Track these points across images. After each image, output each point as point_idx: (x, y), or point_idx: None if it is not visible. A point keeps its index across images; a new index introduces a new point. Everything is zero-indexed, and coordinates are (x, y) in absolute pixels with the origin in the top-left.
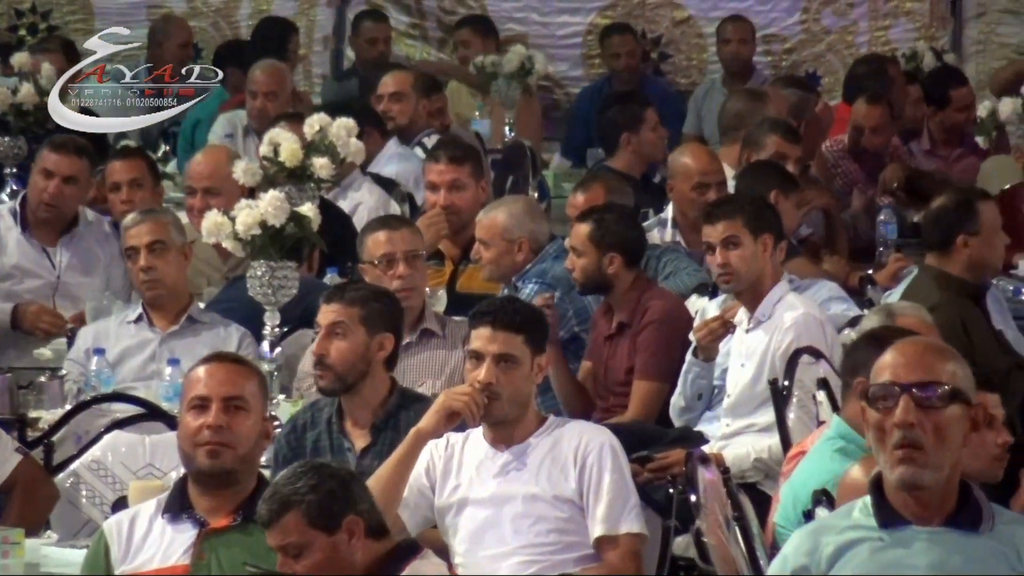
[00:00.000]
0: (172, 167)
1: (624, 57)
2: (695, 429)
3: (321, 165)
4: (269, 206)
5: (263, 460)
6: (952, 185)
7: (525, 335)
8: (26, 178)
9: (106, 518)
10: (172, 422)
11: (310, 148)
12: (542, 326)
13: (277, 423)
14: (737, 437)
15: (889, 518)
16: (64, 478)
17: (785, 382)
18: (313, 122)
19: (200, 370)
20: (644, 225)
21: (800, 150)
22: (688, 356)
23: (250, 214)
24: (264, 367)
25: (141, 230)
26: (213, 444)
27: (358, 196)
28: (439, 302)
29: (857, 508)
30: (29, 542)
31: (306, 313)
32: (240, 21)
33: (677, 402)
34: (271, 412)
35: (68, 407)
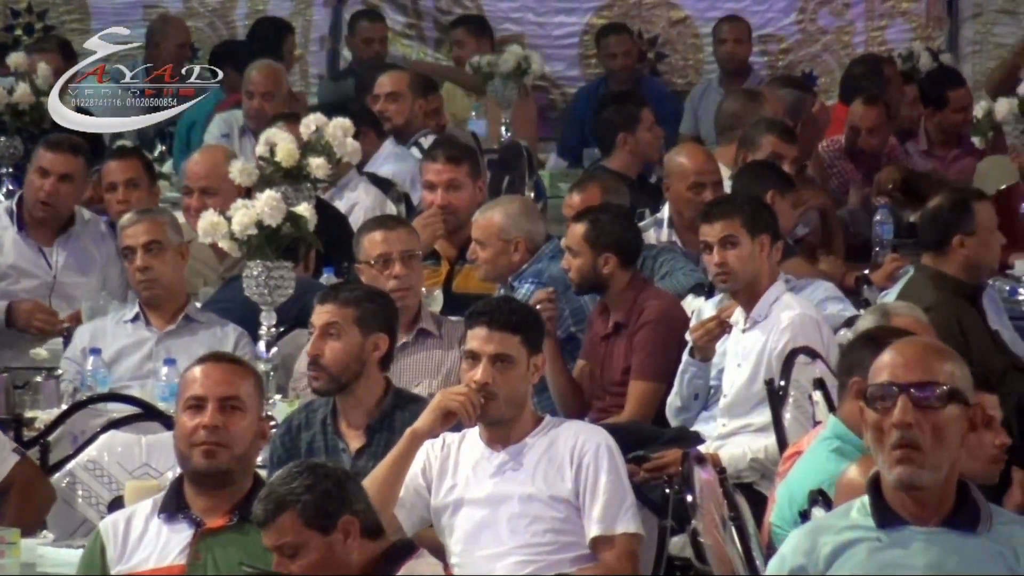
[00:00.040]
0: (168, 167)
1: (620, 57)
2: (691, 429)
3: (317, 165)
4: (265, 206)
5: (259, 460)
6: (948, 185)
7: (521, 335)
8: (22, 178)
9: (102, 518)
10: (168, 422)
11: (306, 148)
12: (538, 326)
13: (273, 423)
14: (733, 437)
15: (887, 518)
16: (60, 478)
17: (781, 382)
18: (309, 122)
19: (196, 370)
20: (640, 225)
21: (796, 150)
22: (684, 356)
23: (246, 214)
24: (260, 367)
25: (138, 230)
26: (209, 444)
27: (354, 196)
28: (435, 302)
29: (855, 508)
30: (25, 542)
31: (302, 313)
32: (236, 21)
33: (673, 402)
34: (267, 412)
35: (64, 407)
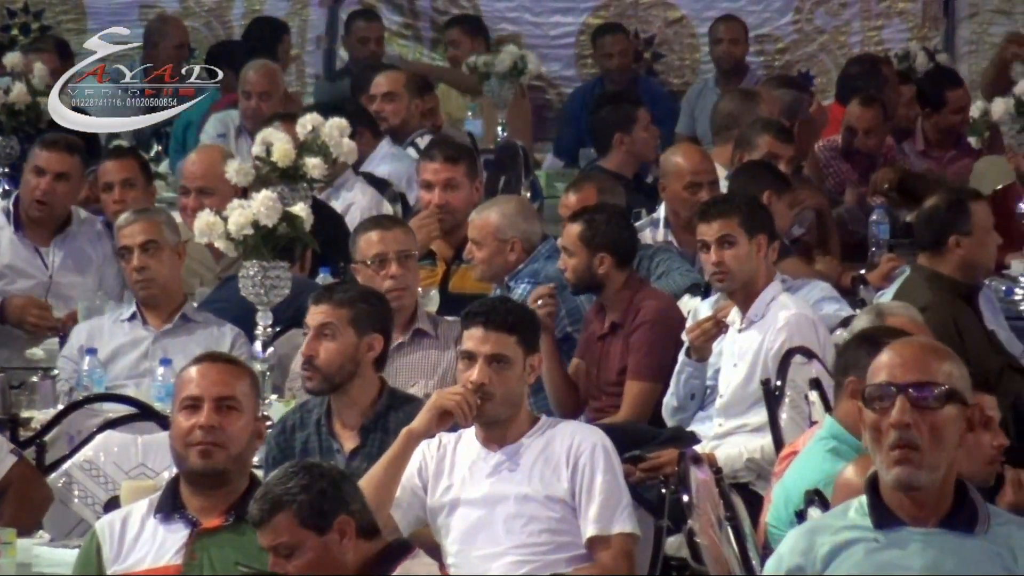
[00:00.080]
0: (164, 167)
1: (617, 57)
2: (688, 429)
3: (313, 165)
4: (261, 206)
5: (255, 460)
6: (944, 185)
7: (518, 335)
8: (19, 178)
9: (98, 518)
10: (164, 422)
11: (303, 148)
12: (534, 326)
13: (269, 423)
14: (729, 437)
15: (884, 519)
16: (56, 478)
17: (777, 382)
18: (306, 122)
19: (192, 370)
20: (636, 225)
21: (792, 150)
22: (681, 356)
23: (242, 214)
24: (256, 367)
25: (134, 230)
26: (205, 444)
27: (350, 196)
28: (432, 302)
29: (853, 508)
30: (21, 542)
31: (298, 313)
32: (233, 21)
33: (670, 402)
34: (263, 412)
35: (60, 407)
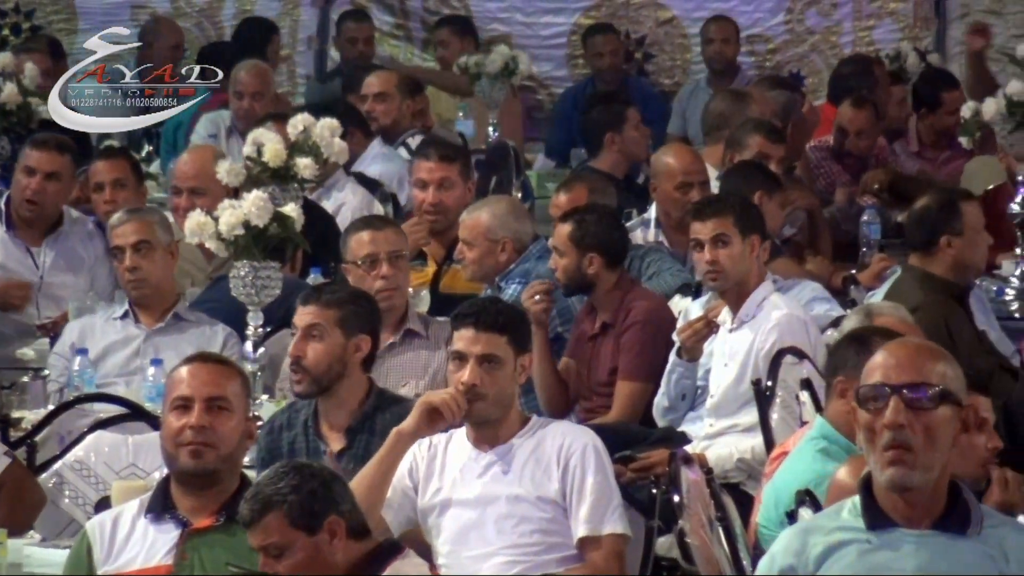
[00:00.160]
0: (155, 167)
1: (607, 57)
2: (678, 429)
3: (304, 165)
4: (252, 206)
5: (246, 460)
6: (935, 186)
7: (508, 335)
8: (10, 178)
9: (89, 518)
10: (155, 422)
11: (294, 148)
12: (525, 326)
13: (260, 423)
14: (720, 437)
15: (877, 520)
16: (47, 478)
17: (768, 382)
18: (297, 122)
19: (183, 370)
20: (628, 225)
21: (783, 150)
22: (672, 356)
23: (233, 214)
24: (247, 367)
25: (127, 230)
26: (196, 444)
27: (341, 196)
28: (422, 302)
29: (846, 509)
30: (11, 542)
31: (289, 313)
32: (224, 21)
33: (661, 402)
34: (254, 412)
35: (51, 407)
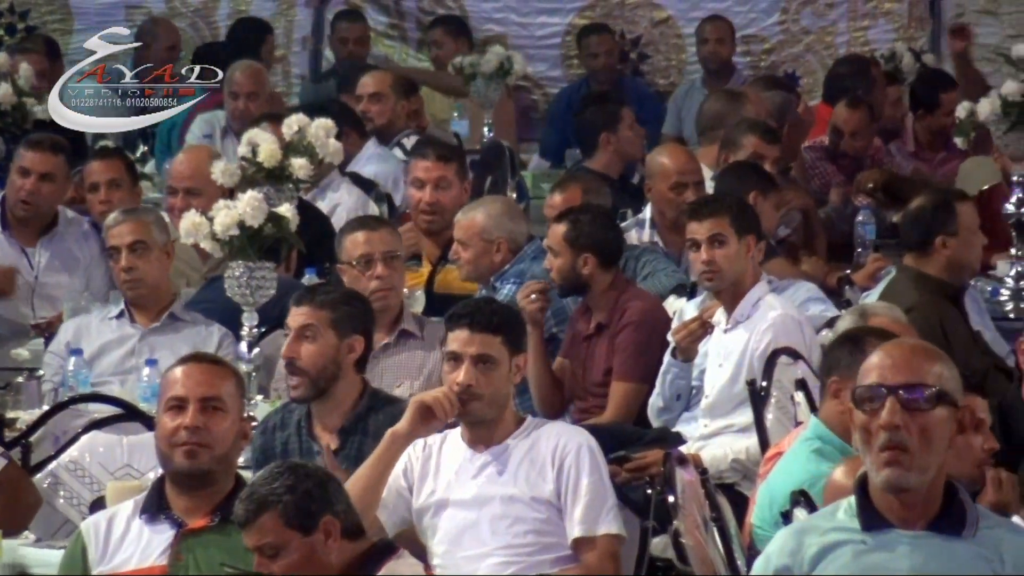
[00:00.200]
0: (150, 167)
1: (602, 57)
2: (673, 430)
3: (299, 166)
4: (247, 206)
5: (241, 461)
6: (930, 187)
7: (503, 336)
8: (5, 178)
9: (84, 519)
10: (150, 423)
11: (288, 149)
12: (519, 326)
13: (254, 424)
14: (715, 438)
15: (872, 521)
16: (42, 478)
17: (763, 383)
18: (292, 123)
19: (177, 371)
20: (622, 226)
21: (777, 150)
22: (666, 357)
23: (228, 214)
24: (242, 367)
25: (123, 230)
26: (190, 444)
27: (336, 197)
28: (417, 303)
29: (842, 509)
30: (6, 542)
31: (284, 314)
32: (219, 22)
33: (655, 403)
34: (249, 412)
35: (46, 407)
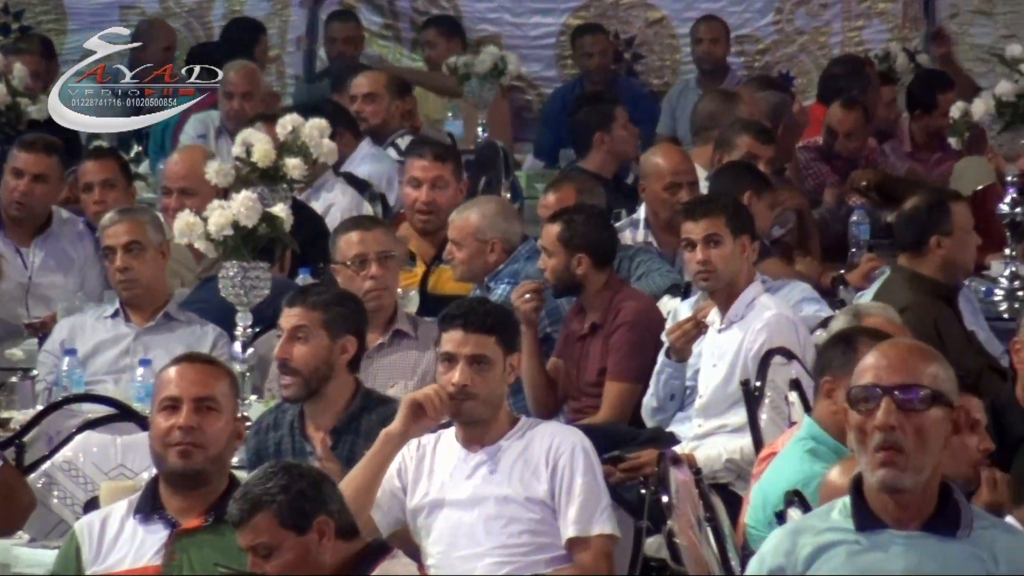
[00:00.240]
0: (144, 167)
1: (596, 57)
2: (667, 430)
3: (294, 166)
4: (241, 206)
5: (234, 461)
6: (924, 187)
7: (497, 336)
8: None
9: (78, 519)
10: (144, 423)
11: (283, 149)
12: (513, 326)
13: (248, 424)
14: (709, 438)
15: (867, 521)
16: (36, 479)
17: (757, 383)
18: (286, 123)
19: (171, 371)
20: (617, 226)
21: (771, 150)
22: (660, 357)
23: (222, 214)
24: (236, 367)
25: (118, 230)
26: (184, 445)
27: (331, 197)
28: (411, 303)
29: (836, 509)
30: (0, 543)
31: (278, 314)
32: (213, 22)
33: (649, 403)
34: (243, 412)
35: (40, 407)
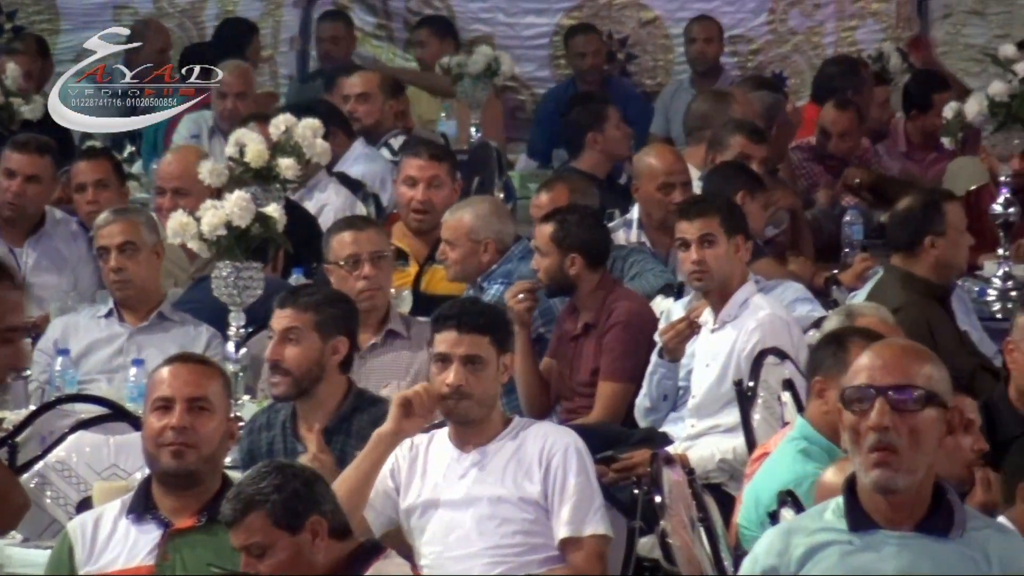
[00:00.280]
0: (137, 167)
1: (589, 57)
2: (660, 430)
3: (287, 166)
4: (234, 206)
5: (227, 461)
6: (917, 187)
7: (490, 336)
8: None
9: (70, 519)
10: (137, 423)
11: (276, 149)
12: (506, 326)
13: (241, 424)
14: (702, 438)
15: (860, 521)
16: (29, 479)
17: (750, 383)
18: (279, 123)
19: (164, 371)
20: (610, 226)
21: (764, 150)
22: (653, 357)
23: (215, 214)
24: (229, 368)
25: (112, 230)
26: (177, 445)
27: (324, 197)
28: (404, 303)
29: (830, 509)
30: None
31: (271, 314)
32: (206, 22)
33: (642, 403)
34: (236, 413)
35: (32, 407)
